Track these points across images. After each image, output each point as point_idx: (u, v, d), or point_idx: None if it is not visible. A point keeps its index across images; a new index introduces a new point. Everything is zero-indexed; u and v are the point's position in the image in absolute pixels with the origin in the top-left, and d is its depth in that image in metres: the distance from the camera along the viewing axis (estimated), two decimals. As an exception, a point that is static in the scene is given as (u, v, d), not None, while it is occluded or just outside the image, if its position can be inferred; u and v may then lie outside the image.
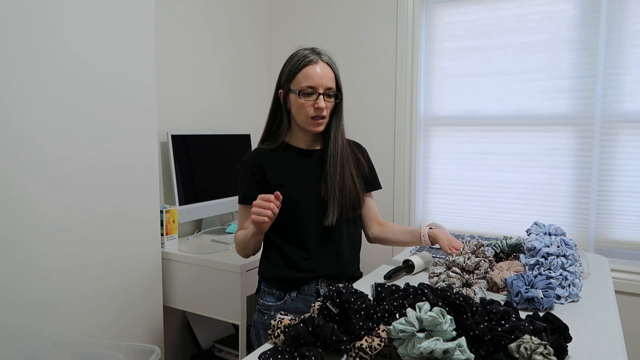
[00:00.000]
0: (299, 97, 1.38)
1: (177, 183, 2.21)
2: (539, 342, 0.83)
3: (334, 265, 1.45)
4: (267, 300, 1.46)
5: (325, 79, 1.38)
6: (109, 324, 1.84)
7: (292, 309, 1.43)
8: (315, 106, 1.38)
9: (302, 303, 1.43)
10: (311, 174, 1.45)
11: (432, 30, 2.60)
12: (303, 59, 1.38)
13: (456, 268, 1.30)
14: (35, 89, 1.56)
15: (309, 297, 1.43)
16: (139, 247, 1.94)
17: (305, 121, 1.41)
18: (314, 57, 1.39)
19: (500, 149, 2.48)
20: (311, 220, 1.42)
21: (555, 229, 1.48)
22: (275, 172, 1.44)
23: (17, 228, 1.53)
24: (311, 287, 1.43)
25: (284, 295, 1.44)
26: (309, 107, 1.38)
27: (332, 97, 1.41)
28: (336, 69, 1.43)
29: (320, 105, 1.37)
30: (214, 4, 2.58)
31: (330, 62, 1.42)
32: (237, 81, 2.77)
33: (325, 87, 1.38)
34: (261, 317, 1.46)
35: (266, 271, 1.48)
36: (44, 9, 1.57)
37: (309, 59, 1.38)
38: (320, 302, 1.08)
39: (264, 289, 1.48)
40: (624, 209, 2.25)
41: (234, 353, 2.33)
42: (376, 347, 0.88)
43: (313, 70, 1.37)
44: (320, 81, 1.37)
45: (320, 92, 1.37)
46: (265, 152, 1.47)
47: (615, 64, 2.21)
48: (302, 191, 1.42)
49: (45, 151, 1.60)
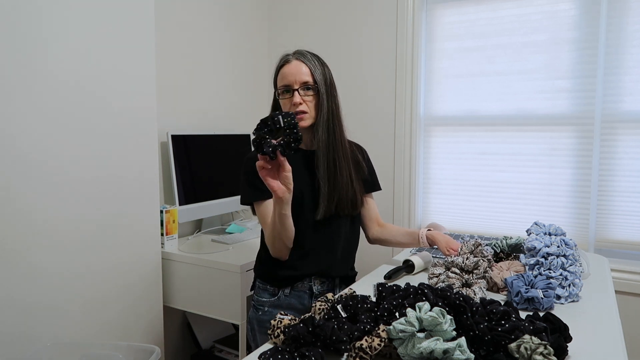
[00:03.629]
0: (279, 97, 1.44)
1: (177, 183, 2.21)
2: (539, 342, 0.83)
3: (327, 263, 1.46)
4: (262, 296, 1.48)
5: (299, 75, 1.39)
6: (109, 324, 1.84)
7: (286, 305, 1.45)
8: (292, 102, 1.40)
9: (296, 300, 1.46)
10: (308, 173, 1.45)
11: (432, 30, 2.60)
12: (280, 61, 1.44)
13: (455, 268, 1.30)
14: (35, 89, 1.56)
15: (302, 293, 1.46)
16: (139, 247, 1.94)
17: None
18: (290, 57, 1.43)
19: (500, 149, 2.48)
20: (306, 218, 1.43)
21: (555, 229, 1.48)
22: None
23: (16, 228, 1.53)
24: (304, 284, 1.46)
25: (277, 292, 1.46)
26: (288, 105, 1.42)
27: (309, 90, 1.41)
28: (314, 64, 1.42)
29: (295, 100, 1.39)
30: (214, 4, 2.58)
31: (306, 58, 1.42)
32: (237, 81, 2.77)
33: (300, 82, 1.39)
34: (255, 313, 1.49)
35: (260, 268, 1.51)
36: (44, 9, 1.57)
37: (285, 59, 1.43)
38: (322, 302, 1.08)
39: (259, 285, 1.51)
40: (624, 209, 2.25)
41: (234, 353, 2.33)
42: (376, 347, 0.88)
43: (287, 69, 1.41)
44: (293, 78, 1.39)
45: (295, 88, 1.39)
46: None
47: (615, 64, 2.21)
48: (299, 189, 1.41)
49: (46, 152, 1.60)
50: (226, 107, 2.70)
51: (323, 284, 1.47)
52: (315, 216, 1.41)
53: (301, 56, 1.42)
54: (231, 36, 2.71)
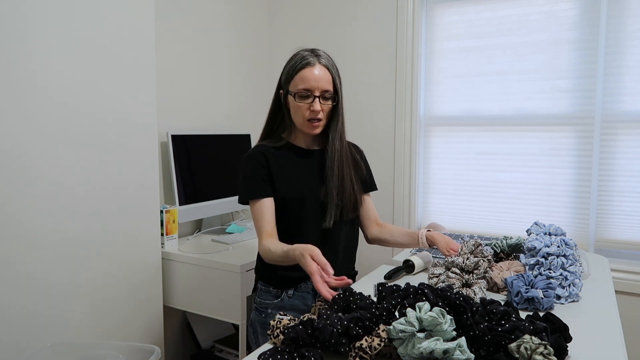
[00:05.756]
0: (295, 100, 1.38)
1: (177, 183, 2.21)
2: (539, 342, 0.83)
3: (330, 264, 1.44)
4: (265, 298, 1.47)
5: (322, 82, 1.37)
6: (109, 323, 1.84)
7: (289, 307, 1.44)
8: (310, 109, 1.37)
9: (299, 301, 1.45)
10: (311, 174, 1.46)
11: (432, 30, 2.60)
12: (301, 61, 1.38)
13: (455, 268, 1.30)
14: (35, 90, 1.56)
15: (306, 294, 1.45)
16: (139, 247, 1.94)
17: (302, 123, 1.41)
18: (312, 59, 1.37)
19: (500, 149, 2.48)
20: (310, 219, 1.43)
21: (555, 229, 1.48)
22: (279, 170, 1.44)
23: (16, 228, 1.53)
24: (308, 285, 1.44)
25: (281, 293, 1.45)
26: (304, 110, 1.38)
27: (328, 99, 1.40)
28: (335, 71, 1.42)
29: (316, 108, 1.37)
30: (214, 5, 2.58)
31: (328, 64, 1.40)
32: (237, 81, 2.77)
33: (321, 89, 1.37)
34: (258, 316, 1.48)
35: (263, 269, 1.49)
36: (44, 9, 1.57)
37: (307, 61, 1.37)
38: (322, 302, 1.08)
39: (261, 287, 1.49)
40: (624, 209, 2.24)
41: (234, 353, 2.33)
42: (376, 347, 0.88)
43: (310, 73, 1.36)
44: (316, 84, 1.36)
45: (316, 95, 1.37)
46: (268, 149, 1.46)
47: (615, 64, 2.21)
48: (303, 190, 1.43)
49: (46, 152, 1.60)
50: (226, 107, 2.70)
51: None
52: (324, 224, 1.42)
53: (324, 60, 1.40)
54: (231, 36, 2.71)
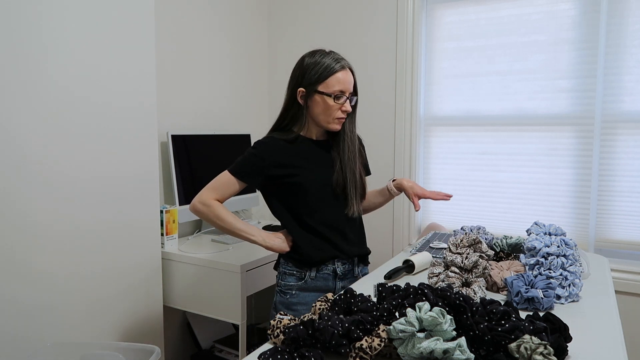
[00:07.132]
0: (332, 100, 1.48)
1: (177, 183, 2.21)
2: (539, 342, 0.83)
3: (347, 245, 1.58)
4: (288, 280, 1.56)
5: (351, 84, 1.52)
6: (109, 323, 1.84)
7: (312, 288, 1.55)
8: (342, 108, 1.50)
9: (321, 282, 1.55)
10: (325, 161, 1.56)
11: (432, 31, 2.60)
12: (335, 64, 1.49)
13: (455, 268, 1.30)
14: (34, 90, 1.56)
15: (327, 275, 1.55)
16: (139, 247, 1.94)
17: (330, 121, 1.52)
18: (344, 63, 1.51)
19: (500, 149, 2.48)
20: (332, 203, 1.55)
21: (555, 229, 1.48)
22: (292, 161, 1.53)
23: (16, 228, 1.53)
24: (328, 266, 1.55)
25: (304, 275, 1.54)
26: (335, 109, 1.50)
27: (352, 99, 1.54)
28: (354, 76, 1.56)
29: (348, 108, 1.51)
30: (214, 4, 2.58)
31: (352, 69, 1.54)
32: (237, 81, 2.77)
33: (350, 91, 1.52)
34: (283, 297, 1.56)
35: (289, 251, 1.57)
36: (44, 9, 1.57)
37: (341, 64, 1.50)
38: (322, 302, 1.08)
39: (284, 270, 1.57)
40: (624, 209, 2.25)
41: (234, 353, 2.33)
42: (376, 347, 0.88)
43: (345, 76, 1.50)
44: (348, 86, 1.51)
45: (347, 96, 1.51)
46: (279, 142, 1.54)
47: (615, 64, 2.21)
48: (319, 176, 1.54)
49: (46, 152, 1.60)
50: (226, 107, 2.70)
51: (345, 264, 1.57)
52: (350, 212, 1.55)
53: (349, 64, 1.53)
54: (231, 36, 2.71)
